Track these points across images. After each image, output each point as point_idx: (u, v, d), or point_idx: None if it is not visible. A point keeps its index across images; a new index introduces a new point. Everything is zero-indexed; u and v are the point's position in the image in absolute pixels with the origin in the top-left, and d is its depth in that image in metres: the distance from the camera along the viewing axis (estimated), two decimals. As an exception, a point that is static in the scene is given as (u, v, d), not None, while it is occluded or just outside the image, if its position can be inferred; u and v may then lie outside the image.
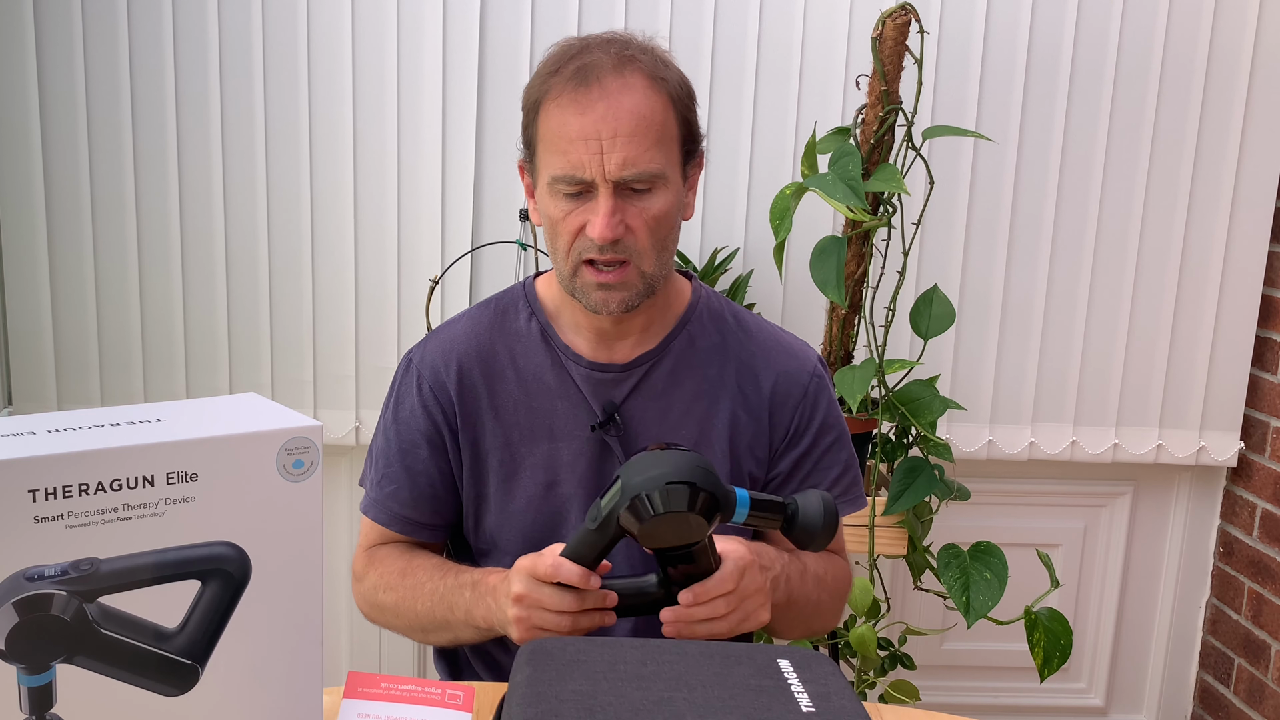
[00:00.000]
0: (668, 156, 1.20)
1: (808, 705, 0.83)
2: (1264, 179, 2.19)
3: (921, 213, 1.99)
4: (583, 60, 1.19)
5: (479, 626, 1.20)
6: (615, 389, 1.29)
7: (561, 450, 1.29)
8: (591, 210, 1.18)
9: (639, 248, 1.20)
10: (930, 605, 2.25)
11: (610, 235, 1.17)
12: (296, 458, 0.81)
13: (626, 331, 1.29)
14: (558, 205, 1.20)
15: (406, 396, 1.33)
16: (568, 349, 1.30)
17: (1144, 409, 2.27)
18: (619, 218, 1.18)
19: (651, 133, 1.18)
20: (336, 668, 2.29)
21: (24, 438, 0.74)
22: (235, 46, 2.05)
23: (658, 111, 1.19)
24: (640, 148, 1.17)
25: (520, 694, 0.83)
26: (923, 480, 1.84)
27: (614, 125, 1.16)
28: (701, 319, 1.33)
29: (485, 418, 1.30)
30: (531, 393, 1.30)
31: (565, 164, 1.18)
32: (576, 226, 1.20)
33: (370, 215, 2.12)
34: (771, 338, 1.35)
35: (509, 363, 1.31)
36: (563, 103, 1.18)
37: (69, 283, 2.10)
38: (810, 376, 1.33)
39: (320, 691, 0.86)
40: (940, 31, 2.10)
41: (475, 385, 1.31)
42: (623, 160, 1.16)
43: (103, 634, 0.76)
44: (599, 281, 1.21)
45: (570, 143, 1.17)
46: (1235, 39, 2.14)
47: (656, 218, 1.20)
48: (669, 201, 1.21)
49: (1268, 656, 2.23)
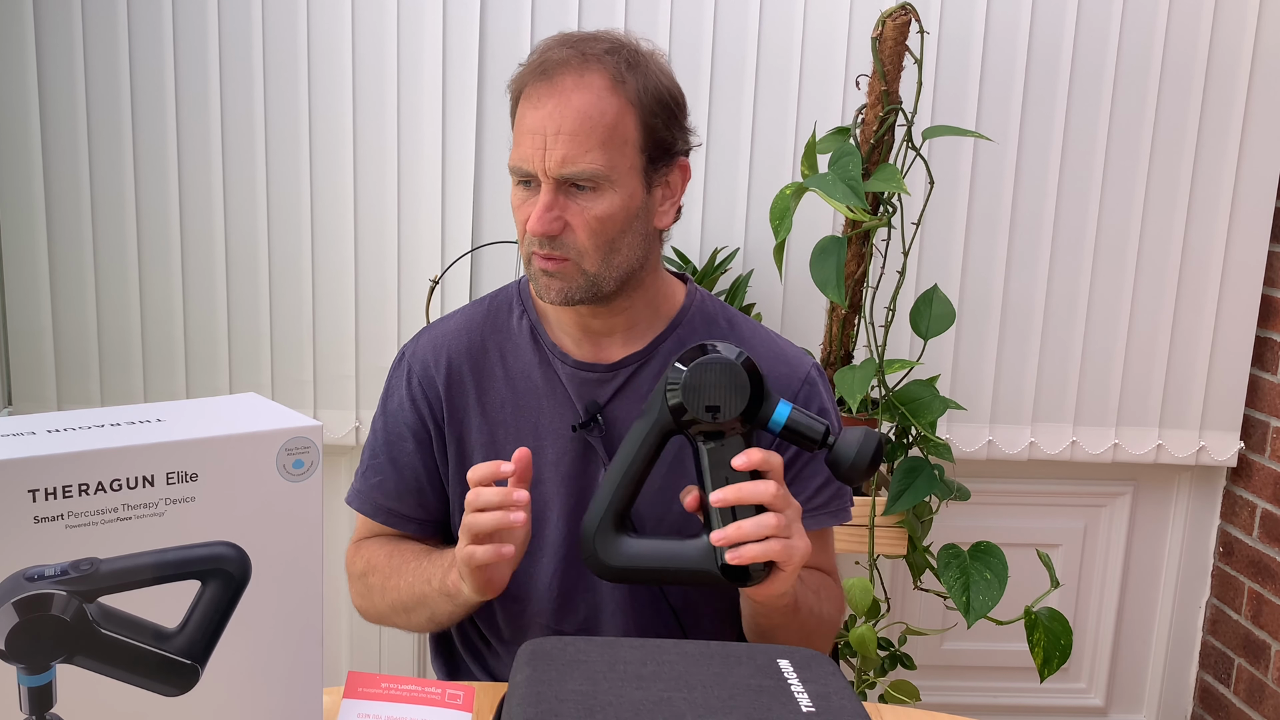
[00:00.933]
0: (615, 159, 1.19)
1: (808, 705, 0.83)
2: (1264, 179, 2.19)
3: (921, 213, 1.99)
4: (547, 56, 1.21)
5: (449, 594, 1.20)
6: (600, 389, 1.29)
7: (546, 449, 1.29)
8: (532, 204, 1.21)
9: (579, 246, 1.20)
10: (930, 605, 2.25)
11: (540, 229, 1.19)
12: (296, 458, 0.81)
13: (610, 329, 1.29)
14: (516, 194, 1.24)
15: (396, 390, 1.35)
16: (555, 347, 1.30)
17: (1144, 409, 2.27)
18: (555, 213, 1.19)
19: (596, 133, 1.18)
20: (336, 668, 2.29)
21: (24, 438, 0.74)
22: (235, 46, 2.05)
23: (609, 114, 1.18)
24: (581, 147, 1.17)
25: (520, 694, 0.83)
26: (923, 480, 1.84)
27: (558, 122, 1.17)
28: (693, 322, 1.32)
29: (472, 415, 1.31)
30: (519, 391, 1.30)
31: (516, 155, 1.21)
32: (525, 217, 1.22)
33: (370, 215, 2.12)
34: (765, 344, 1.34)
35: (498, 360, 1.32)
36: (527, 94, 1.21)
37: (69, 283, 2.10)
38: (802, 383, 1.32)
39: (320, 691, 0.86)
40: (940, 31, 2.10)
41: (464, 381, 1.31)
42: (561, 157, 1.17)
43: (103, 634, 0.76)
44: (541, 268, 1.22)
45: (522, 135, 1.20)
46: (1235, 39, 2.14)
47: (599, 218, 1.20)
48: (614, 204, 1.20)
49: (1268, 656, 2.23)
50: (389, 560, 1.30)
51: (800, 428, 1.11)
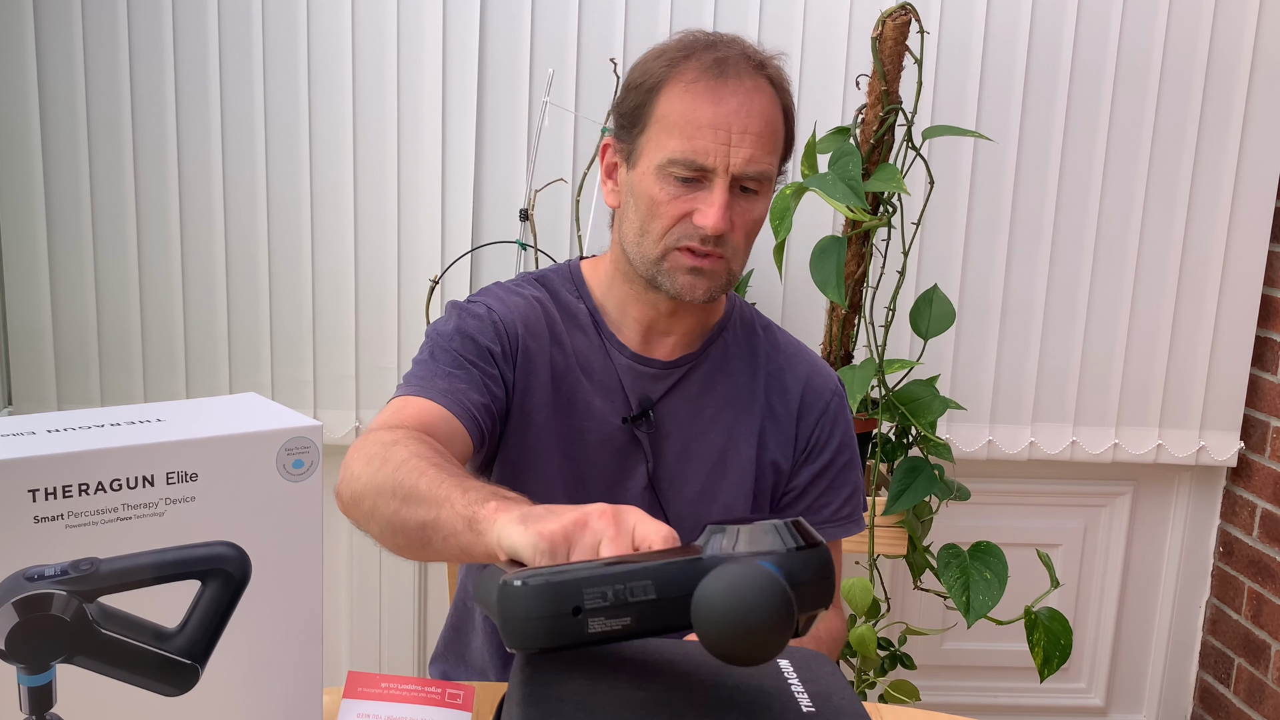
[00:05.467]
0: (777, 166, 1.23)
1: (808, 705, 0.82)
2: (1264, 179, 2.19)
3: (921, 213, 1.99)
4: (719, 54, 1.20)
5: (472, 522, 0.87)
6: (654, 384, 1.29)
7: (590, 431, 1.27)
8: (702, 200, 1.18)
9: (735, 246, 1.21)
10: (930, 605, 2.25)
11: (723, 227, 1.18)
12: (296, 458, 0.81)
13: (674, 328, 1.29)
14: (665, 188, 1.19)
15: (472, 320, 1.23)
16: (614, 337, 1.29)
17: (1144, 409, 2.27)
18: (730, 213, 1.19)
19: (774, 138, 1.20)
20: (336, 668, 2.29)
21: (24, 438, 0.74)
22: (235, 46, 2.05)
23: (779, 121, 1.22)
24: (764, 149, 1.19)
25: (520, 694, 0.83)
26: (923, 480, 1.84)
27: (745, 121, 1.17)
28: (735, 328, 1.34)
29: (538, 379, 1.25)
30: (578, 371, 1.28)
31: (689, 148, 1.17)
32: (680, 212, 1.19)
33: (370, 215, 2.12)
34: (798, 352, 1.37)
35: (565, 336, 1.29)
36: (696, 89, 1.18)
37: (69, 283, 2.10)
38: (833, 394, 1.35)
39: (320, 691, 0.86)
40: (940, 31, 2.10)
41: (542, 340, 1.26)
42: (748, 156, 1.17)
43: (103, 634, 0.76)
44: (692, 265, 1.20)
45: (699, 128, 1.17)
46: (1235, 39, 2.14)
47: (755, 221, 1.22)
48: (765, 210, 1.23)
49: (1268, 656, 2.23)
50: (430, 447, 1.04)
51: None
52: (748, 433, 1.31)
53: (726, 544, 0.77)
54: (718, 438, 1.30)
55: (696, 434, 1.30)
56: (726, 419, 1.30)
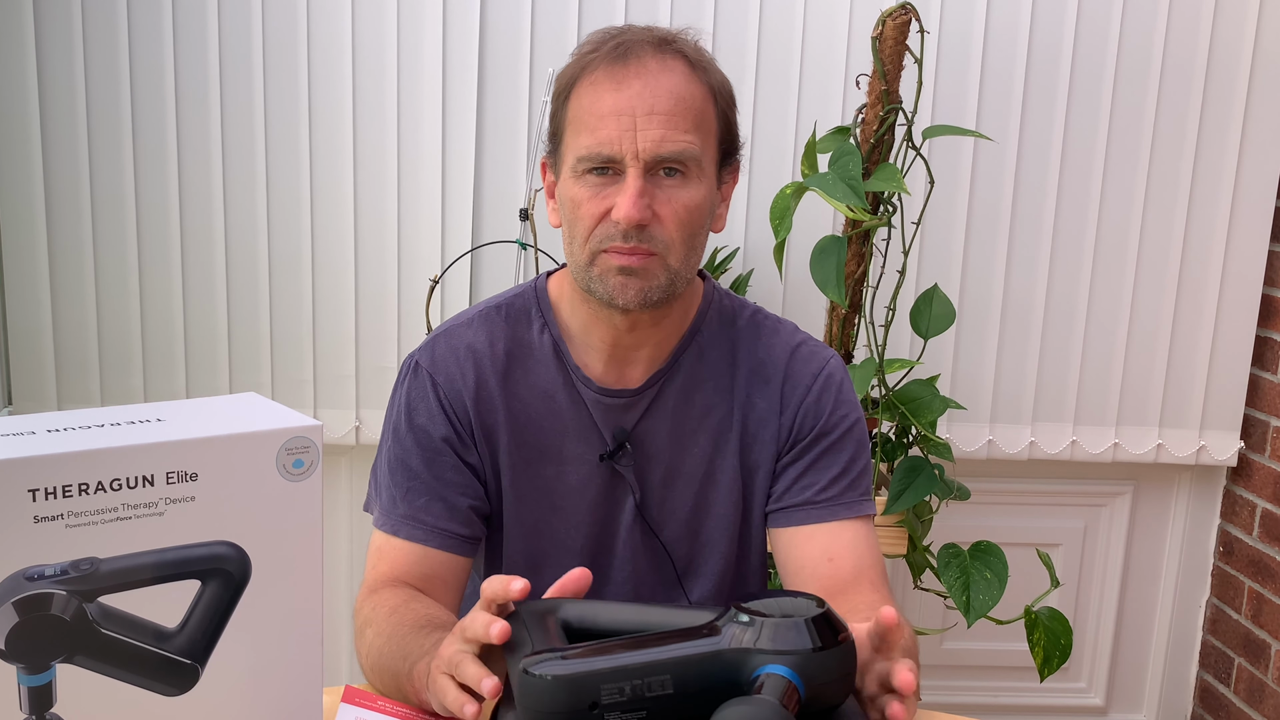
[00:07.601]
0: (704, 145, 1.13)
1: (808, 705, 0.82)
2: (1264, 179, 2.19)
3: (921, 212, 1.99)
4: (621, 39, 1.13)
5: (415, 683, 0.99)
6: (626, 414, 1.23)
7: (569, 474, 1.23)
8: (618, 192, 1.10)
9: (666, 238, 1.12)
10: (930, 605, 2.25)
11: (636, 216, 1.09)
12: (296, 457, 0.81)
13: (640, 344, 1.21)
14: (582, 188, 1.12)
15: (420, 403, 1.22)
16: (579, 370, 1.22)
17: (1144, 409, 2.27)
18: (646, 200, 1.10)
19: (691, 115, 1.11)
20: (336, 668, 2.29)
21: (24, 437, 0.74)
22: (235, 46, 2.05)
23: (697, 97, 1.13)
24: (677, 128, 1.10)
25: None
26: (923, 480, 1.84)
27: (650, 102, 1.09)
28: (711, 325, 1.26)
29: (501, 433, 1.22)
30: (544, 412, 1.23)
31: (594, 141, 1.10)
32: (599, 211, 1.12)
33: (370, 215, 2.12)
34: (785, 340, 1.27)
35: (523, 377, 1.23)
36: (597, 79, 1.11)
37: (69, 282, 2.10)
38: (815, 376, 1.25)
39: (320, 691, 0.86)
40: (940, 31, 2.10)
41: (492, 398, 1.21)
42: (659, 137, 1.09)
43: (103, 634, 0.75)
44: (620, 265, 1.11)
45: (601, 119, 1.10)
46: (1235, 39, 2.14)
47: (687, 207, 1.12)
48: (700, 194, 1.13)
49: (1268, 656, 2.23)
50: (389, 618, 1.11)
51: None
52: (733, 435, 1.24)
53: (748, 638, 0.80)
54: (702, 449, 1.24)
55: (679, 452, 1.24)
56: (709, 426, 1.24)
